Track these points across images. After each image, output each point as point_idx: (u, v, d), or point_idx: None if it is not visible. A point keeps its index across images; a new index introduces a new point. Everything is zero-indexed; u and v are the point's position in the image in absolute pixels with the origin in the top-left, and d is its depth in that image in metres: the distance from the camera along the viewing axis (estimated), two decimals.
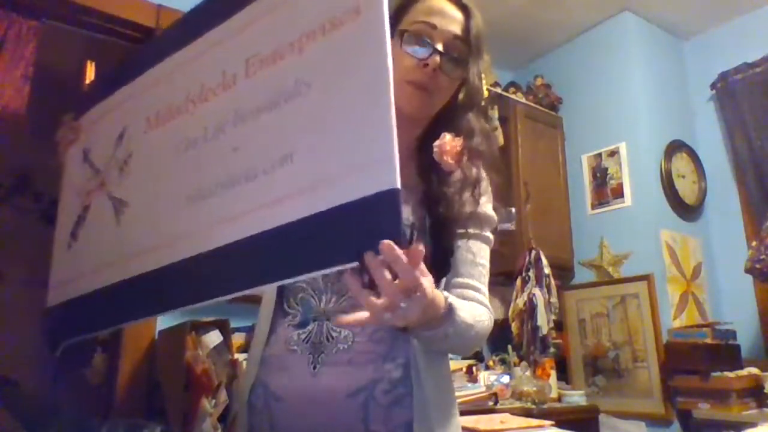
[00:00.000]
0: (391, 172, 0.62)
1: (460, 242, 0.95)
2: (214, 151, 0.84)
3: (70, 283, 1.06)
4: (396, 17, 0.97)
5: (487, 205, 1.00)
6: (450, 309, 0.80)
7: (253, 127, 0.79)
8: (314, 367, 0.88)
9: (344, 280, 0.91)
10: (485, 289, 0.98)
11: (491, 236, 1.01)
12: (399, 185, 0.62)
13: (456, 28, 0.95)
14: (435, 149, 0.89)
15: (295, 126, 0.74)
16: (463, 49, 0.95)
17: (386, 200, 0.62)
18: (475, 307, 0.91)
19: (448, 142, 0.89)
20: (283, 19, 0.79)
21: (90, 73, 1.46)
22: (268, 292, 1.00)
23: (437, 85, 0.94)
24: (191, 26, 0.95)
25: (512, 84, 3.26)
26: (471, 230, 0.96)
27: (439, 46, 0.93)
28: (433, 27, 0.94)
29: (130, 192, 0.98)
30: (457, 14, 0.97)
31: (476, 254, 0.97)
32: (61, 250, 1.12)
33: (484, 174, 1.00)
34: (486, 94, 1.04)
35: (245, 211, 0.76)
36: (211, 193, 0.81)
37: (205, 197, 0.82)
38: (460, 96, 0.98)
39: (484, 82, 1.02)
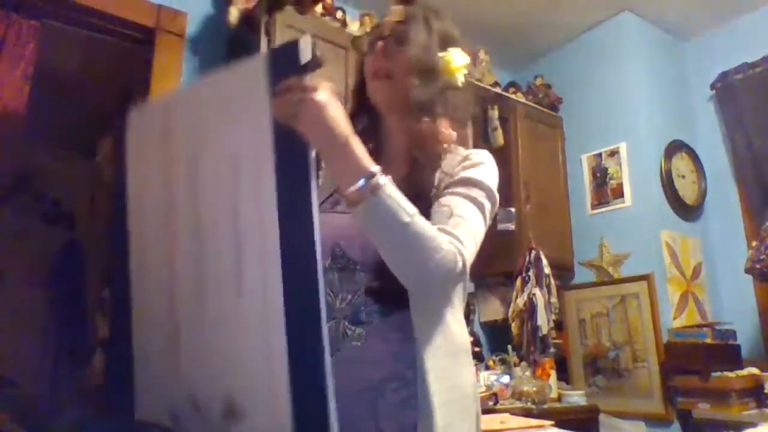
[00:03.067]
0: None
1: (437, 201, 0.93)
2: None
3: None
4: None
5: (473, 172, 0.97)
6: (373, 173, 0.80)
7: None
8: None
9: (357, 278, 0.93)
10: (463, 237, 0.87)
11: (480, 198, 0.94)
12: None
13: (397, 17, 1.04)
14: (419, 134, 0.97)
15: None
16: (405, 29, 1.02)
17: None
18: (429, 224, 0.85)
19: (433, 125, 0.98)
20: None
21: None
22: None
23: (393, 68, 1.00)
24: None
25: (512, 84, 3.26)
26: (448, 190, 0.94)
27: (384, 35, 1.02)
28: (378, 26, 1.06)
29: None
30: (400, 7, 1.06)
31: (452, 206, 0.91)
32: None
33: (479, 151, 1.03)
34: (458, 66, 1.05)
35: None
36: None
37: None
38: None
39: (450, 54, 1.03)
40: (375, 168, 0.81)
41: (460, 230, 0.87)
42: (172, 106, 0.99)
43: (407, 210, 0.81)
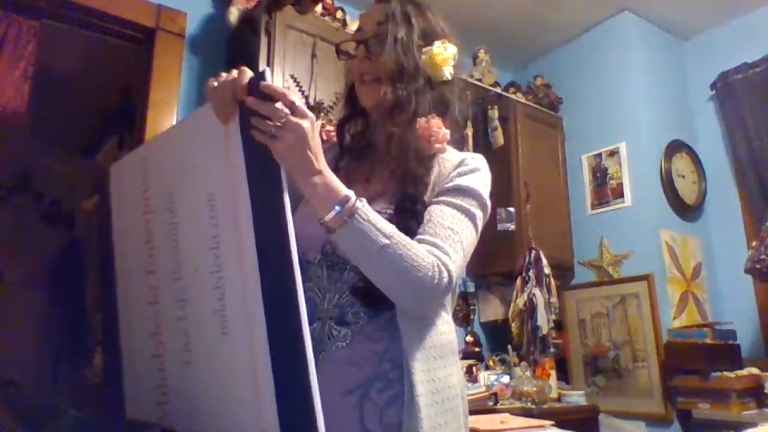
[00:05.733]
0: None
1: (428, 208, 0.92)
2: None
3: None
4: None
5: (466, 180, 0.97)
6: (348, 197, 0.81)
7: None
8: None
9: (346, 277, 0.93)
10: (451, 251, 0.87)
11: (471, 208, 0.94)
12: None
13: (377, 17, 1.03)
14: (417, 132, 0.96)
15: None
16: (385, 30, 1.00)
17: None
18: (409, 241, 0.84)
19: (427, 126, 0.97)
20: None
21: None
22: None
23: (380, 72, 1.00)
24: None
25: (512, 84, 3.26)
26: (441, 198, 0.94)
27: (365, 38, 1.01)
28: (360, 29, 1.05)
29: None
30: (379, 7, 1.04)
31: (444, 217, 0.91)
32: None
33: (473, 156, 1.02)
34: (443, 59, 1.05)
35: None
36: None
37: None
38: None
39: (436, 48, 1.02)
40: (349, 192, 0.82)
41: (449, 243, 0.88)
42: (148, 154, 1.01)
43: (384, 231, 0.82)
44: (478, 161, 1.01)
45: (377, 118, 1.04)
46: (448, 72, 1.02)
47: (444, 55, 1.01)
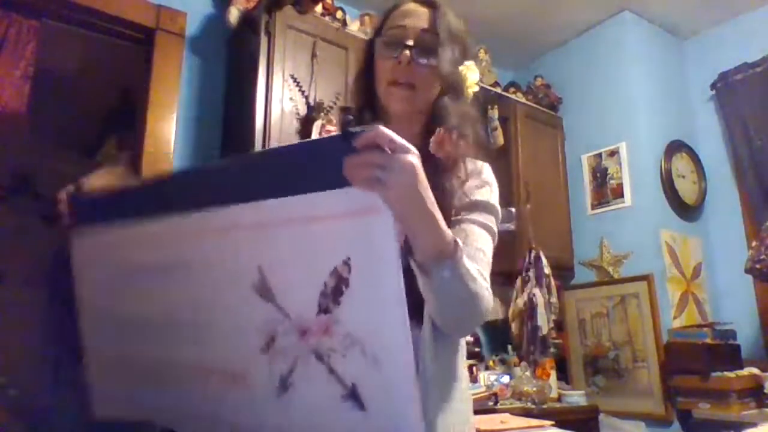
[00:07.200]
0: None
1: (453, 229, 0.92)
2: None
3: None
4: (378, 31, 1.05)
5: (485, 194, 0.99)
6: (456, 244, 0.78)
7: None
8: None
9: None
10: (486, 273, 0.91)
11: (492, 225, 0.97)
12: None
13: (423, 23, 1.00)
14: (431, 144, 0.93)
15: None
16: (433, 40, 0.99)
17: None
18: (477, 275, 0.85)
19: (441, 135, 0.94)
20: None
21: None
22: None
23: (416, 79, 0.98)
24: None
25: (512, 84, 3.26)
26: (463, 216, 0.95)
27: (410, 42, 0.98)
28: (402, 27, 1.00)
29: None
30: (424, 11, 1.02)
31: (470, 237, 0.92)
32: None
33: (483, 165, 1.03)
34: (471, 82, 1.05)
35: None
36: None
37: None
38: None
39: (467, 68, 1.03)
40: (451, 234, 0.79)
41: (483, 266, 0.91)
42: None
43: (471, 273, 0.82)
44: (490, 172, 1.03)
45: (397, 120, 1.01)
46: (470, 96, 1.04)
47: (471, 79, 1.03)
